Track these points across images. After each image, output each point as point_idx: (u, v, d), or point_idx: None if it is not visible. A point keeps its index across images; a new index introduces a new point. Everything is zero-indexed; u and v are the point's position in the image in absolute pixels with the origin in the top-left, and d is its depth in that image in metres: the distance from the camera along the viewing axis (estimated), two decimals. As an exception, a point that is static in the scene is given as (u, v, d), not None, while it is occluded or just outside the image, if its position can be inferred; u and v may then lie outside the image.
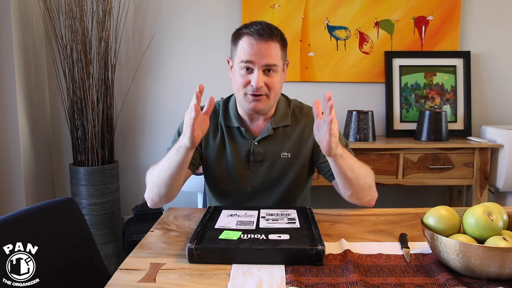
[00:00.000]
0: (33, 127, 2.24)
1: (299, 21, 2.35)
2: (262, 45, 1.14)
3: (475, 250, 0.75)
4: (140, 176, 2.49)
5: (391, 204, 2.48)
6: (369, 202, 1.21)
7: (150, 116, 2.44)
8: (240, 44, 1.17)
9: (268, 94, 1.18)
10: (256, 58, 1.14)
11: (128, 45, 2.38)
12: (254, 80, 1.15)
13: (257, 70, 1.15)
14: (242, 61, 1.16)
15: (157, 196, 1.15)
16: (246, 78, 1.17)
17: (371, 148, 2.11)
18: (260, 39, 1.14)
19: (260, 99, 1.18)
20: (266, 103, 1.19)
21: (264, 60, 1.14)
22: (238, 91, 1.20)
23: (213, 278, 0.79)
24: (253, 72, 1.16)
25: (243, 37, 1.17)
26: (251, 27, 1.16)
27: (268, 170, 1.26)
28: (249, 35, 1.15)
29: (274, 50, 1.16)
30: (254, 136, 1.26)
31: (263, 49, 1.14)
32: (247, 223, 0.99)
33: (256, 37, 1.14)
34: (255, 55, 1.14)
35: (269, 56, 1.15)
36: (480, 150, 2.12)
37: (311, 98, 2.63)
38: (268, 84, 1.17)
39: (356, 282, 0.75)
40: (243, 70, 1.17)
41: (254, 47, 1.14)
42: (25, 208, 0.92)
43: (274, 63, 1.16)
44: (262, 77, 1.15)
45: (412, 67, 2.36)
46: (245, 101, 1.20)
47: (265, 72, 1.16)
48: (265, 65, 1.15)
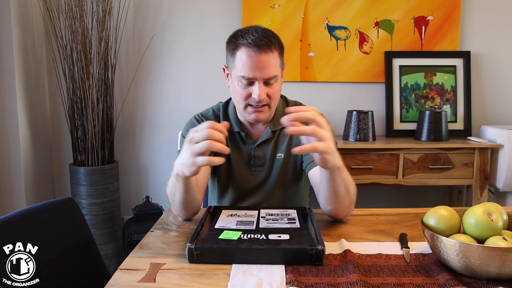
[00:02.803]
0: (33, 127, 2.24)
1: (299, 21, 2.35)
2: (262, 58, 1.11)
3: (475, 250, 0.75)
4: (140, 176, 2.49)
5: (391, 204, 2.48)
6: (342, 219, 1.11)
7: (150, 116, 2.44)
8: (238, 56, 1.13)
9: (270, 103, 1.18)
10: (257, 73, 1.12)
11: (128, 45, 2.38)
12: (256, 93, 1.13)
13: (258, 83, 1.13)
14: (243, 77, 1.13)
15: (182, 215, 1.12)
16: (247, 91, 1.15)
17: (371, 148, 2.11)
18: (259, 51, 1.10)
19: (262, 110, 1.17)
20: (268, 113, 1.19)
21: (265, 74, 1.12)
22: (239, 103, 1.19)
23: (213, 278, 0.79)
24: (253, 85, 1.14)
25: (240, 48, 1.13)
26: (248, 36, 1.11)
27: (268, 172, 1.27)
28: (247, 46, 1.11)
29: (273, 60, 1.13)
30: (254, 141, 1.27)
31: (263, 62, 1.11)
32: (247, 223, 0.99)
33: (255, 49, 1.10)
34: (256, 69, 1.11)
35: (269, 68, 1.12)
36: (480, 150, 2.12)
37: (311, 98, 2.64)
38: (270, 94, 1.16)
39: (356, 282, 0.75)
40: (243, 83, 1.15)
41: (253, 60, 1.11)
42: (25, 208, 0.92)
43: (275, 74, 1.14)
44: (264, 89, 1.14)
45: (412, 67, 2.36)
46: (246, 112, 1.19)
47: (265, 83, 1.15)
48: (267, 78, 1.13)
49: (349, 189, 1.02)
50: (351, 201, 1.06)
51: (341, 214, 1.09)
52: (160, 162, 2.47)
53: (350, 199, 1.05)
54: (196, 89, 2.41)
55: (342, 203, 1.03)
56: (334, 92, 2.41)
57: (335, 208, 1.06)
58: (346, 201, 1.04)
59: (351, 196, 1.05)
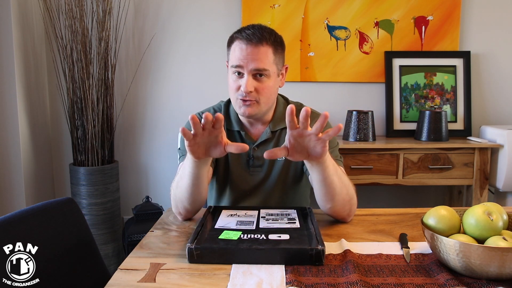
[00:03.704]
0: (33, 127, 2.24)
1: (299, 21, 2.35)
2: (252, 50, 1.13)
3: (475, 250, 0.75)
4: (140, 176, 2.49)
5: (391, 204, 2.48)
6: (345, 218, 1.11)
7: (150, 116, 2.44)
8: (232, 48, 1.17)
9: (258, 99, 1.17)
10: (245, 63, 1.14)
11: (128, 45, 2.38)
12: (243, 84, 1.14)
13: (246, 74, 1.15)
14: (232, 66, 1.16)
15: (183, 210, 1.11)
16: (237, 83, 1.17)
17: (371, 148, 2.11)
18: (250, 43, 1.13)
19: (250, 104, 1.17)
20: (256, 109, 1.18)
21: (253, 65, 1.14)
22: (231, 96, 1.21)
23: (213, 278, 0.80)
24: (243, 77, 1.16)
25: (234, 42, 1.17)
26: (243, 31, 1.16)
27: (267, 173, 1.27)
28: (240, 39, 1.15)
29: (263, 54, 1.14)
30: (254, 140, 1.27)
31: (252, 54, 1.13)
32: (247, 223, 0.99)
33: (245, 42, 1.14)
34: (244, 59, 1.14)
35: (258, 60, 1.13)
36: (480, 150, 2.12)
37: (311, 98, 2.64)
38: (258, 90, 1.16)
39: (356, 282, 0.75)
40: (235, 75, 1.17)
41: (243, 52, 1.14)
42: (25, 208, 0.92)
43: (264, 67, 1.14)
44: (252, 82, 1.15)
45: (412, 67, 2.36)
46: (236, 105, 1.20)
47: (255, 77, 1.15)
48: (254, 70, 1.14)
49: (342, 179, 1.03)
50: (348, 194, 1.05)
51: (342, 211, 1.08)
52: (160, 162, 2.47)
53: (348, 191, 1.05)
54: (196, 89, 2.41)
55: (340, 195, 1.03)
56: (334, 92, 2.41)
57: (335, 204, 1.05)
58: (344, 192, 1.04)
59: (348, 188, 1.05)
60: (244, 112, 1.18)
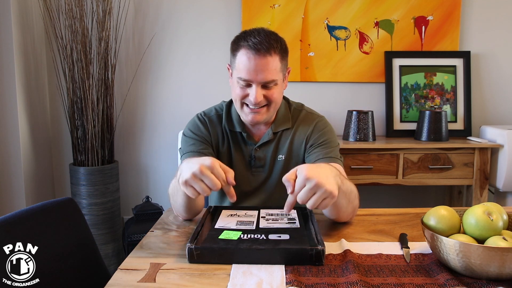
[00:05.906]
0: (33, 127, 2.24)
1: (299, 21, 2.35)
2: (260, 61, 1.10)
3: (475, 250, 0.75)
4: (140, 176, 2.49)
5: (391, 204, 2.48)
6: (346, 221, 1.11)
7: (150, 116, 2.44)
8: (238, 57, 1.14)
9: (267, 106, 1.17)
10: (254, 76, 1.11)
11: (128, 45, 2.38)
12: (253, 96, 1.13)
13: (255, 86, 1.13)
14: (240, 78, 1.14)
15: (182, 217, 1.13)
16: (244, 91, 1.16)
17: (371, 148, 2.11)
18: (258, 54, 1.10)
19: (259, 111, 1.17)
20: (265, 114, 1.18)
21: (262, 77, 1.12)
22: (236, 101, 1.20)
23: (213, 278, 0.79)
24: (251, 86, 1.14)
25: (241, 50, 1.13)
26: (249, 38, 1.11)
27: (268, 174, 1.27)
28: (247, 49, 1.11)
29: (272, 65, 1.12)
30: (256, 141, 1.27)
31: (261, 65, 1.10)
32: (247, 223, 0.99)
33: (253, 52, 1.10)
34: (253, 72, 1.11)
35: (267, 72, 1.11)
36: (480, 150, 2.12)
37: (311, 98, 2.64)
38: (268, 96, 1.15)
39: (356, 282, 0.75)
40: (242, 84, 1.15)
41: (251, 63, 1.10)
42: (25, 208, 0.92)
43: (273, 79, 1.13)
44: (261, 92, 1.14)
45: (412, 67, 2.36)
46: (243, 112, 1.20)
47: (263, 87, 1.14)
48: (263, 82, 1.13)
49: (350, 198, 1.02)
50: (353, 207, 1.07)
51: (345, 219, 1.10)
52: (160, 162, 2.47)
53: (353, 206, 1.06)
54: (196, 89, 2.41)
55: (345, 212, 1.05)
56: (334, 92, 2.41)
57: (339, 218, 1.08)
58: (349, 209, 1.05)
59: (353, 204, 1.05)
60: (252, 120, 1.18)
